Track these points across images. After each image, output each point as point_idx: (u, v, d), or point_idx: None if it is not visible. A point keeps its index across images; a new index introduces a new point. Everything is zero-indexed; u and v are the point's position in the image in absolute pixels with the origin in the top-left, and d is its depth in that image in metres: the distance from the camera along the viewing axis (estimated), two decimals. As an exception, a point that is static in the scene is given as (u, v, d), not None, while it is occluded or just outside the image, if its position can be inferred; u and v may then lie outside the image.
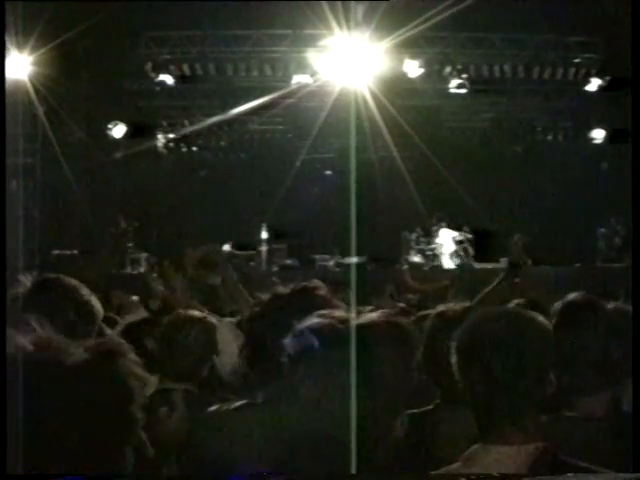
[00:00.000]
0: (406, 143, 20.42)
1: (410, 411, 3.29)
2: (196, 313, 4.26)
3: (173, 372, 3.94)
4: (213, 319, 4.26)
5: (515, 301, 3.97)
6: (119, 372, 1.76)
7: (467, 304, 3.58)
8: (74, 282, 2.73)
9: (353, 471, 2.03)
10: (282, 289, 3.17)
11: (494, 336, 2.32)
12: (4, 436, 0.88)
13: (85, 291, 2.70)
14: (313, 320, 2.58)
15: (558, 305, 3.17)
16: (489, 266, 20.16)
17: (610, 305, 3.17)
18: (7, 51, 16.93)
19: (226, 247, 20.63)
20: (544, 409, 2.36)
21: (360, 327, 2.48)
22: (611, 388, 2.87)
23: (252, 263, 20.97)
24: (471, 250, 20.70)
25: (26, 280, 3.34)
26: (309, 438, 2.21)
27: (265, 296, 3.20)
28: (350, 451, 2.04)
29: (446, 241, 20.86)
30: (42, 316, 2.51)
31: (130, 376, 1.77)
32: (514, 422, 2.26)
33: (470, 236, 20.68)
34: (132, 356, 1.84)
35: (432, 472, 2.33)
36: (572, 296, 3.20)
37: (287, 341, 2.59)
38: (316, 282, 3.22)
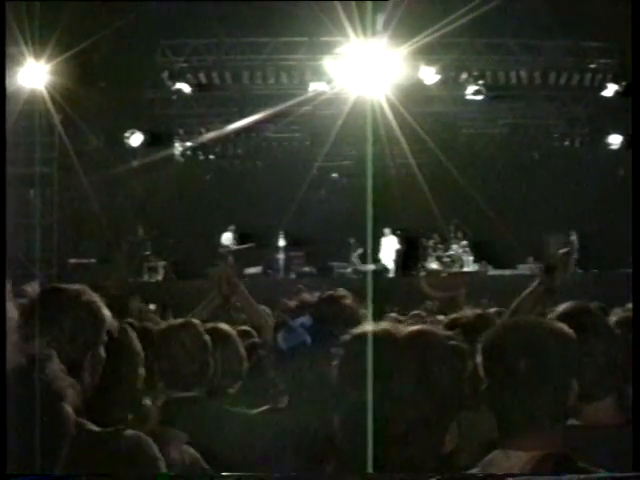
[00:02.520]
0: (422, 150, 20.43)
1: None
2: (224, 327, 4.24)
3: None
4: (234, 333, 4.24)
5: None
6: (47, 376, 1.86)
7: (479, 311, 3.56)
8: (77, 288, 2.74)
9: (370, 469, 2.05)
10: (308, 296, 3.18)
11: (520, 343, 2.33)
12: (4, 436, 0.90)
13: (88, 297, 2.70)
14: (305, 317, 2.59)
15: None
16: (507, 272, 20.16)
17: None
18: (23, 59, 17.06)
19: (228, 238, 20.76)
20: (565, 417, 2.36)
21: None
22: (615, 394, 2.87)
23: (270, 271, 21.00)
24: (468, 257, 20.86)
25: (32, 290, 3.35)
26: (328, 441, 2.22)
27: (292, 303, 3.21)
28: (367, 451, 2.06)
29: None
30: (45, 324, 2.58)
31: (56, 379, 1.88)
32: (535, 429, 2.27)
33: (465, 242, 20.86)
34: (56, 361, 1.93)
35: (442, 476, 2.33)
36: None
37: (280, 335, 2.61)
38: (342, 291, 3.23)
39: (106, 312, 2.73)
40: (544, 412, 2.28)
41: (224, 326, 4.08)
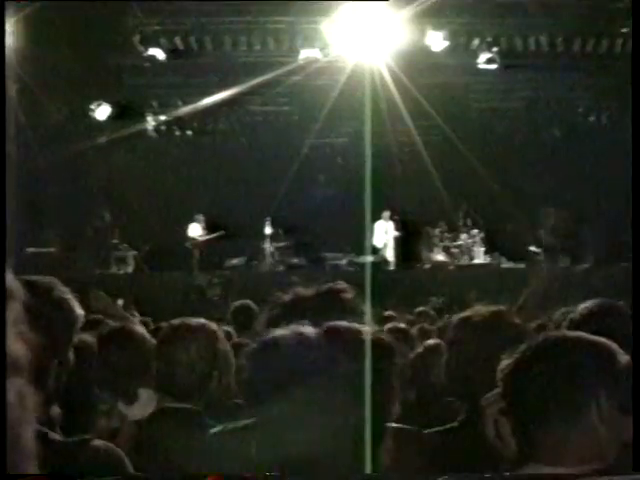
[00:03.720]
0: (429, 126, 20.44)
1: (430, 430, 3.34)
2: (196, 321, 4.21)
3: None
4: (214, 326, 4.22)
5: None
6: None
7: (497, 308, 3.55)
8: (47, 280, 2.70)
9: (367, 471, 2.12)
10: (304, 290, 3.17)
11: (556, 358, 2.37)
12: (4, 436, 0.94)
13: (59, 292, 2.67)
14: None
15: None
16: (522, 265, 20.23)
17: None
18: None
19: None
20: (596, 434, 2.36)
21: None
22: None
23: (254, 262, 21.02)
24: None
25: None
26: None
27: (286, 297, 3.19)
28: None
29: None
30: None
31: None
32: (567, 444, 2.32)
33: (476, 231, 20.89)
34: None
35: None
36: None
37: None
38: (342, 284, 3.23)
39: (79, 311, 2.70)
40: (577, 428, 2.32)
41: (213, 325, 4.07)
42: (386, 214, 21.02)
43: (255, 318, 7.41)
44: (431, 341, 5.72)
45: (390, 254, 21.23)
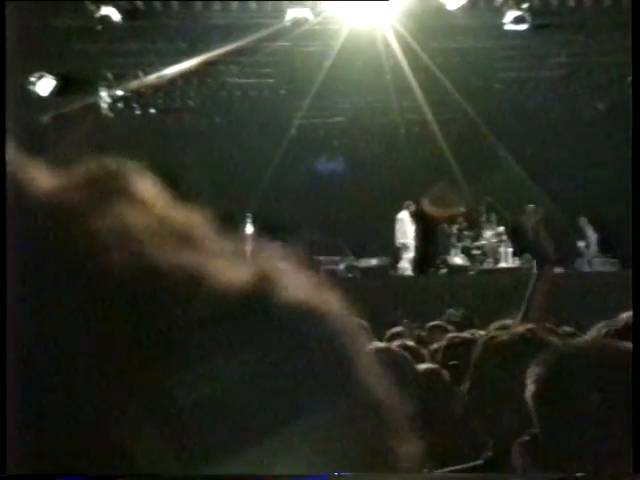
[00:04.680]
0: (443, 102, 20.45)
1: (452, 468, 3.37)
2: None
3: None
4: None
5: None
6: None
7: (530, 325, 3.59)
8: None
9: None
10: None
11: (586, 371, 2.42)
12: (4, 436, 0.97)
13: None
14: None
15: None
16: (558, 270, 20.23)
17: None
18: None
19: None
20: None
21: None
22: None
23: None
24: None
25: None
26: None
27: None
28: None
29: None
30: None
31: None
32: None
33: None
34: None
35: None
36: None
37: None
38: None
39: None
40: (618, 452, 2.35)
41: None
42: (408, 203, 20.84)
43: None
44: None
45: (408, 257, 21.13)
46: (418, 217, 21.25)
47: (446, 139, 19.66)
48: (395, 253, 21.05)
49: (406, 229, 20.95)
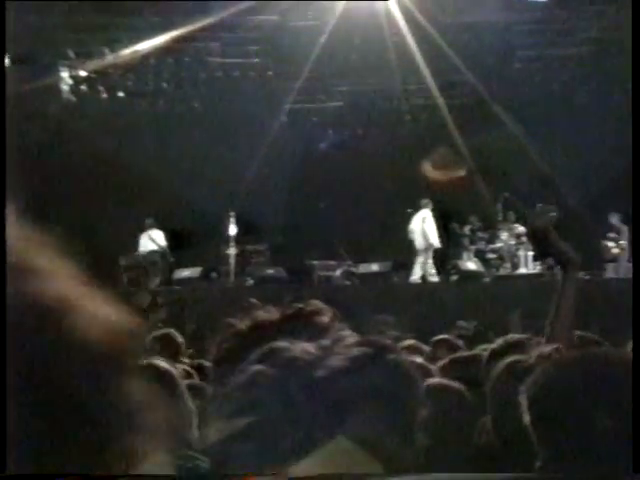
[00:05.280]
0: (455, 83, 20.43)
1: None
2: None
3: None
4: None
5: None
6: None
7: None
8: None
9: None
10: (264, 314, 3.08)
11: (578, 385, 2.51)
12: (4, 436, 0.97)
13: None
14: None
15: None
16: (587, 277, 20.18)
17: None
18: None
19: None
20: None
21: None
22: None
23: (214, 274, 20.94)
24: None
25: None
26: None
27: (243, 324, 3.10)
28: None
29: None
30: None
31: None
32: None
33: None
34: None
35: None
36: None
37: None
38: (315, 303, 3.12)
39: None
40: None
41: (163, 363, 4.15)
42: (425, 201, 20.65)
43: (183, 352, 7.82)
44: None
45: (422, 261, 21.00)
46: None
47: (457, 126, 19.60)
48: (414, 256, 20.93)
49: (432, 229, 20.80)
